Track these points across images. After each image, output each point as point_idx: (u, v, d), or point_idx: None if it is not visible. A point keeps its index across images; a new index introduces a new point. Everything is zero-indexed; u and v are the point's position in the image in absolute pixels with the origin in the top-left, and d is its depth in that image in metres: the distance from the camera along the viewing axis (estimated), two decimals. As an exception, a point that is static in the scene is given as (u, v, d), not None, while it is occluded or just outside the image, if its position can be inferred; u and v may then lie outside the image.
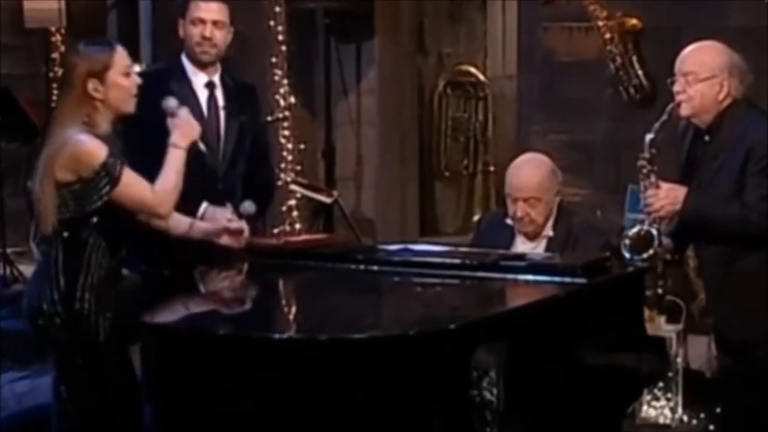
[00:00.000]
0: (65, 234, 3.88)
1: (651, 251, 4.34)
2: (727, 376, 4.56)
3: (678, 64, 4.42)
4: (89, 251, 3.88)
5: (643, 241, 4.37)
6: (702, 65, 4.36)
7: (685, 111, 4.38)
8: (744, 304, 4.33)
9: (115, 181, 3.84)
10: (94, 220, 3.87)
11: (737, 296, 4.35)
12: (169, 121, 4.11)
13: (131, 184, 3.89)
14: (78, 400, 3.92)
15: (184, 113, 4.15)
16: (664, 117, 4.39)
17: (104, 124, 3.93)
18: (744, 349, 4.36)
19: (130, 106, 3.98)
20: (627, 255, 4.35)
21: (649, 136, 4.41)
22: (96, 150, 3.84)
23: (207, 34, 4.53)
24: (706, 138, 4.40)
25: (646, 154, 4.40)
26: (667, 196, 4.35)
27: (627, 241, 4.37)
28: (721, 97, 4.35)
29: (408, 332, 3.40)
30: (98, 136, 3.87)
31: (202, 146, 4.19)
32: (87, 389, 3.89)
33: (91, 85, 3.89)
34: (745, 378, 4.39)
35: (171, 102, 4.16)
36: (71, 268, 3.87)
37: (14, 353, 5.54)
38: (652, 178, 4.39)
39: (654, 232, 4.36)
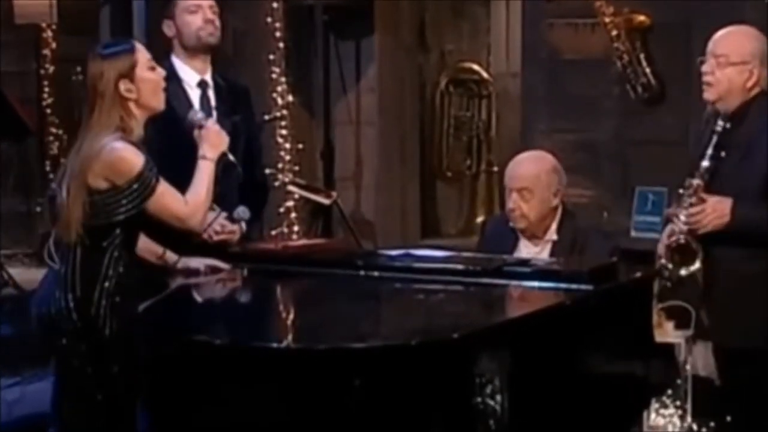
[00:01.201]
0: (86, 241, 3.80)
1: (698, 264, 4.31)
2: (734, 384, 4.51)
3: (711, 45, 4.39)
4: (107, 259, 3.81)
5: (685, 252, 4.33)
6: (735, 49, 4.33)
7: (711, 95, 4.36)
8: (747, 309, 4.30)
9: (150, 192, 3.80)
10: (117, 231, 3.81)
11: (742, 300, 4.31)
12: (197, 133, 4.14)
13: (165, 194, 3.86)
14: (78, 407, 3.83)
15: (212, 124, 4.19)
16: (715, 138, 4.31)
17: (137, 129, 3.87)
18: (744, 355, 4.32)
19: (161, 101, 3.94)
20: (671, 268, 4.33)
21: (705, 164, 4.31)
22: (133, 159, 3.78)
23: (209, 16, 4.66)
24: (728, 125, 4.34)
25: (700, 181, 4.32)
26: (714, 210, 4.30)
27: (668, 256, 4.34)
28: (749, 84, 4.33)
29: (410, 342, 3.33)
30: (133, 143, 3.82)
31: (231, 157, 4.21)
32: (89, 397, 3.81)
33: (123, 86, 3.83)
34: (752, 385, 4.35)
35: (198, 114, 4.23)
36: (88, 275, 3.80)
37: (4, 359, 5.44)
38: (700, 193, 4.32)
39: (694, 245, 4.31)
